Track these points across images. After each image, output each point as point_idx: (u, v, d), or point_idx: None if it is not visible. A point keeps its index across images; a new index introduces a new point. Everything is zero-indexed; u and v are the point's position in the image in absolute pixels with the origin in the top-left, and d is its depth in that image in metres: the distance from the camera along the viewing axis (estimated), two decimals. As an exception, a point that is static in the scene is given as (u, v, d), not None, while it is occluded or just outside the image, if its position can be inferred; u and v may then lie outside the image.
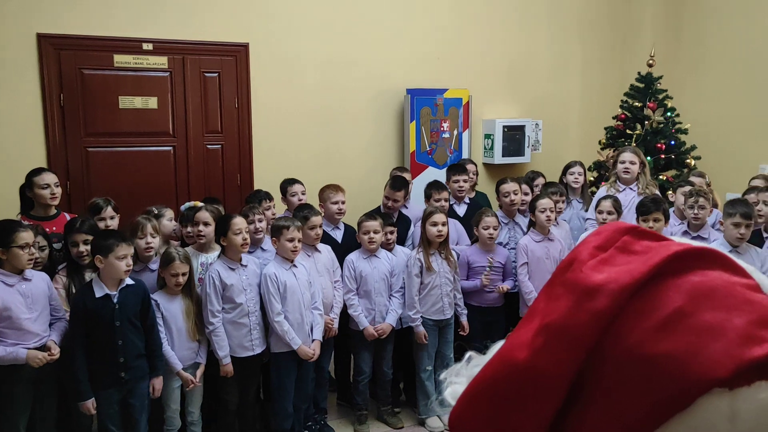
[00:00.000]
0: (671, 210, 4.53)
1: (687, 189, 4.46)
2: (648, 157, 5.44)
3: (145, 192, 4.83)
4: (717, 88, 6.08)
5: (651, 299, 0.46)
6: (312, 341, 3.84)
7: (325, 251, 4.17)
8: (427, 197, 4.79)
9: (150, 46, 4.92)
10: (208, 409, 3.76)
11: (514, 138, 6.11)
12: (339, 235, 4.48)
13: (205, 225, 3.82)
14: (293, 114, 5.37)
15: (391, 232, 4.32)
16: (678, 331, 0.44)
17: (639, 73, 5.80)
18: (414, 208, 4.94)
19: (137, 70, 4.92)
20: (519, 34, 6.17)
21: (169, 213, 4.11)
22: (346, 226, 4.56)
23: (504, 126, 6.04)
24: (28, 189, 3.92)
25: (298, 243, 3.78)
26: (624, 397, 0.44)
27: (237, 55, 5.18)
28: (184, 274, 3.49)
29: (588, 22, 6.45)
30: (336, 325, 4.11)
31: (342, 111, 5.55)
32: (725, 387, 0.42)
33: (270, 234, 3.93)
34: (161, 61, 4.96)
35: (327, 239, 4.31)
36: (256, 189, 4.81)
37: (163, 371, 3.47)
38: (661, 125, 5.60)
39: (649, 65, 5.73)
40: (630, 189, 4.73)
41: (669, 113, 5.67)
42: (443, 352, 4.26)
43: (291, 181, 4.66)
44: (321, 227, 4.09)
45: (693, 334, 0.44)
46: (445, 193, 4.79)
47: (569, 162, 5.28)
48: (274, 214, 4.49)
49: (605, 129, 5.94)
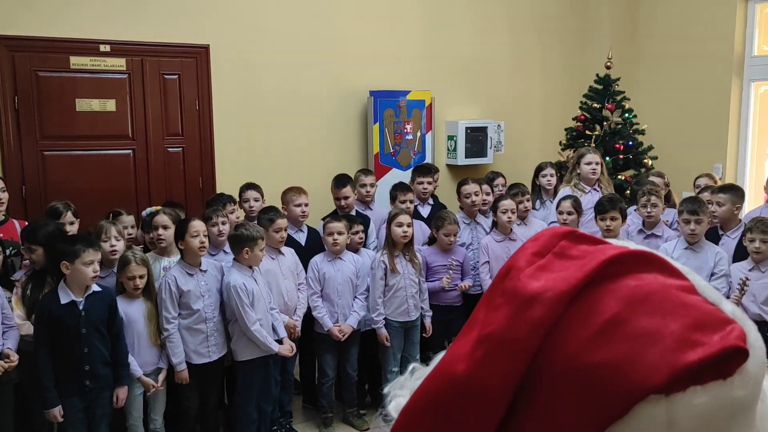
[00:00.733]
0: (634, 209, 4.62)
1: (641, 188, 4.56)
2: (607, 158, 5.55)
3: (105, 196, 4.73)
4: (672, 89, 6.23)
5: (587, 306, 0.45)
6: (281, 340, 3.84)
7: (289, 254, 4.15)
8: (393, 199, 4.81)
9: (107, 47, 4.82)
10: (168, 415, 3.71)
11: (476, 139, 6.17)
12: (302, 238, 4.47)
13: (164, 229, 3.77)
14: (256, 116, 5.33)
15: (356, 233, 4.32)
16: (614, 339, 0.43)
17: (597, 75, 5.91)
18: (378, 209, 4.95)
19: (94, 72, 4.82)
20: (479, 36, 6.23)
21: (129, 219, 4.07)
22: (309, 228, 4.54)
23: (467, 127, 6.09)
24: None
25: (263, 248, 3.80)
26: (562, 407, 0.43)
27: (197, 57, 5.12)
28: (141, 276, 3.44)
29: (547, 24, 6.55)
30: (299, 327, 4.09)
31: (305, 113, 5.53)
32: (661, 394, 0.41)
33: (231, 241, 3.86)
34: (119, 63, 4.87)
35: (290, 242, 4.28)
36: (218, 192, 4.75)
37: (128, 381, 3.41)
38: (619, 126, 5.71)
39: (607, 67, 5.84)
40: (594, 190, 4.81)
41: (627, 114, 5.79)
42: (409, 353, 4.28)
43: (245, 187, 4.61)
44: (286, 230, 4.08)
45: (629, 341, 0.43)
46: (411, 195, 4.81)
47: (540, 164, 5.35)
48: (237, 217, 4.45)
49: (565, 130, 6.03)
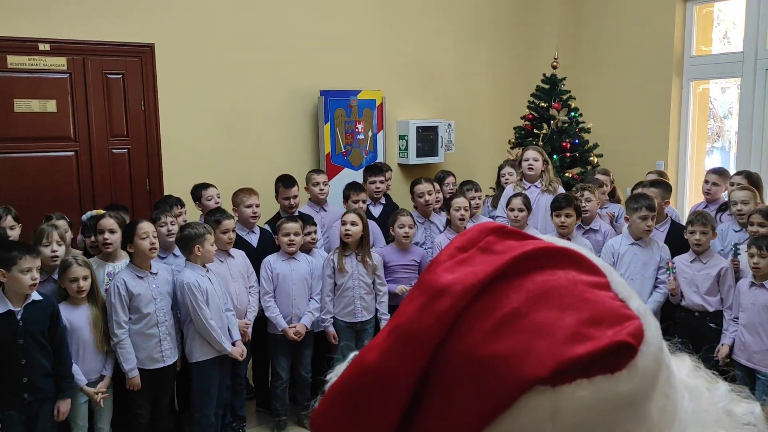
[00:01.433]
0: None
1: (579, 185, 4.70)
2: (554, 156, 5.66)
3: (47, 199, 4.58)
4: (616, 88, 6.40)
5: (492, 300, 0.46)
6: (234, 342, 3.79)
7: (239, 256, 4.10)
8: (345, 198, 4.80)
9: (47, 46, 4.66)
10: (118, 422, 3.61)
11: (427, 138, 6.21)
12: (254, 239, 4.42)
13: (111, 233, 3.66)
14: (204, 116, 5.24)
15: (309, 233, 4.29)
16: (510, 332, 0.44)
17: (544, 75, 6.02)
18: (332, 209, 4.93)
19: (33, 71, 4.65)
20: (429, 36, 6.28)
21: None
22: (261, 229, 4.49)
23: (418, 127, 6.13)
24: None
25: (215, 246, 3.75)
26: (456, 398, 0.44)
27: (142, 56, 5.00)
28: (85, 278, 3.34)
29: (494, 25, 6.64)
30: (250, 330, 4.04)
31: (254, 113, 5.46)
32: (548, 385, 0.42)
33: (180, 243, 3.80)
34: (59, 62, 4.72)
35: (242, 244, 4.23)
36: (166, 195, 4.65)
37: (72, 393, 3.30)
38: (566, 125, 5.84)
39: (553, 67, 5.96)
40: (535, 186, 4.90)
41: (573, 113, 5.92)
42: (362, 353, 4.26)
43: (205, 186, 4.55)
44: (234, 231, 4.02)
45: (523, 334, 0.44)
46: (363, 194, 4.81)
47: (501, 162, 5.41)
48: (185, 220, 4.36)
49: (514, 129, 6.13)
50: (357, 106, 5.86)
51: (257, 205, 4.37)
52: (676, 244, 4.23)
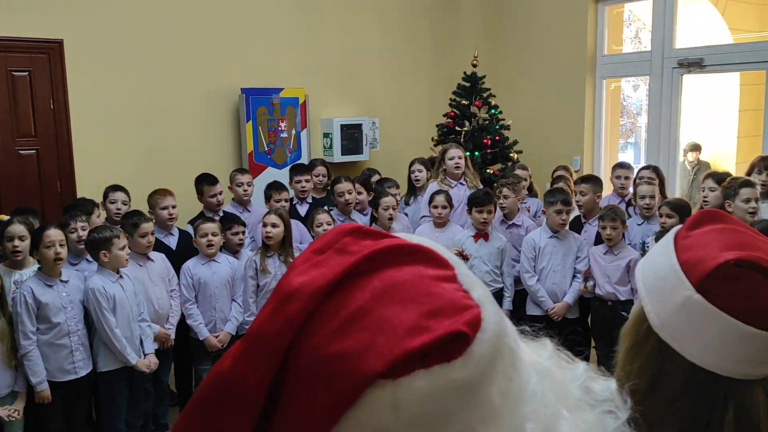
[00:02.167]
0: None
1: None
2: (476, 152, 5.78)
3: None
4: (533, 86, 6.58)
5: (340, 300, 0.47)
6: (145, 355, 3.67)
7: (159, 259, 3.99)
8: (267, 198, 4.75)
9: (-56, 41, 4.39)
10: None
11: (352, 136, 6.21)
12: (173, 242, 4.31)
13: (21, 239, 3.49)
14: (118, 115, 5.05)
15: (236, 233, 4.22)
16: (353, 329, 0.45)
17: (465, 73, 6.12)
18: (255, 209, 4.86)
19: (-71, 68, 4.37)
20: (352, 34, 6.27)
21: None
22: (180, 231, 4.38)
23: (342, 125, 6.12)
24: None
25: (129, 250, 3.61)
26: (306, 399, 0.45)
27: (50, 53, 4.77)
28: None
29: (417, 23, 6.71)
30: (173, 336, 3.94)
31: (173, 111, 5.31)
32: (388, 378, 0.43)
33: (87, 248, 3.66)
34: (-42, 59, 4.45)
35: (160, 246, 4.12)
36: (79, 197, 4.47)
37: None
38: (487, 122, 5.96)
39: (474, 65, 6.07)
40: (460, 184, 4.98)
41: (493, 111, 6.05)
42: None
43: (112, 188, 4.38)
44: (153, 234, 3.91)
45: (366, 331, 0.45)
46: (285, 194, 4.76)
47: (412, 160, 5.46)
48: (104, 222, 4.21)
49: (437, 126, 6.21)
50: (280, 104, 5.79)
51: (173, 206, 4.26)
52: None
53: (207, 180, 4.60)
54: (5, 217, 3.65)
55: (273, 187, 4.78)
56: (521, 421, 0.48)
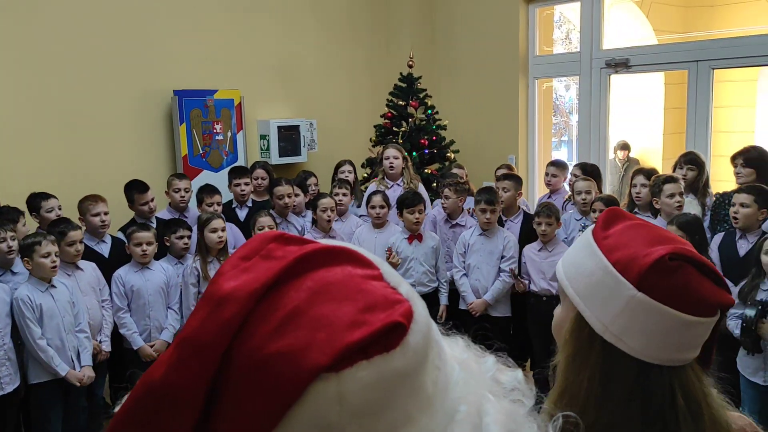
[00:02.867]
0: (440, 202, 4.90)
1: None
2: (414, 153, 5.83)
3: None
4: (468, 87, 6.68)
5: (274, 302, 0.48)
6: (81, 367, 3.54)
7: (89, 268, 3.86)
8: (199, 202, 4.66)
9: None
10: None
11: (290, 138, 6.15)
12: (105, 249, 4.18)
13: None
14: (43, 118, 4.83)
15: (181, 237, 4.13)
16: (291, 329, 0.46)
17: (401, 74, 6.17)
18: (192, 215, 4.76)
19: None
20: (287, 35, 6.22)
21: None
22: (113, 238, 4.25)
23: (279, 126, 6.05)
24: None
25: (56, 257, 3.47)
26: (246, 402, 0.45)
27: (-33, 54, 4.54)
28: None
29: (352, 24, 6.70)
30: (107, 348, 3.82)
31: (102, 115, 5.12)
32: (332, 372, 0.45)
33: (20, 254, 3.53)
34: None
35: (91, 255, 3.98)
36: (3, 205, 4.26)
37: None
38: (423, 122, 6.02)
39: (409, 66, 6.12)
40: (397, 185, 5.02)
41: (429, 111, 6.11)
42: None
43: (45, 196, 4.21)
44: (81, 242, 3.78)
45: (304, 328, 0.46)
46: (218, 197, 4.69)
47: (339, 161, 5.47)
48: (28, 231, 4.03)
49: (375, 127, 6.23)
50: (214, 105, 5.68)
51: (105, 213, 4.13)
52: (528, 234, 4.50)
53: (137, 188, 4.47)
54: None
55: (205, 191, 4.70)
56: (454, 405, 0.51)
